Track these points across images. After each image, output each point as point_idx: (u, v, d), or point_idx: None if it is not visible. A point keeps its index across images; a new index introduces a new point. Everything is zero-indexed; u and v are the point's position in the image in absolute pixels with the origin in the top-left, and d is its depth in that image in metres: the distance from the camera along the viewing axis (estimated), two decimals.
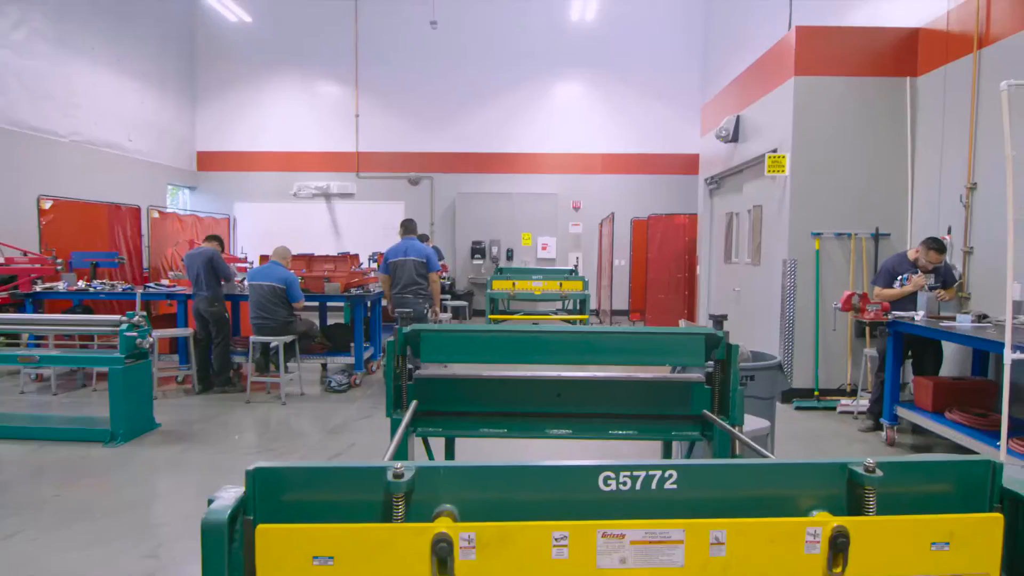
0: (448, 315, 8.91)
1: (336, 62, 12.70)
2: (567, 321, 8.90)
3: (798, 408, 5.53)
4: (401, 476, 1.08)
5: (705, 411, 2.32)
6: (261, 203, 12.84)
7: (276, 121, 12.83)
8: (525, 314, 9.38)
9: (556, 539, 1.07)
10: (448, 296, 10.38)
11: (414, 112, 12.86)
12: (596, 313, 11.71)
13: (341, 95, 12.88)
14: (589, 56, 12.56)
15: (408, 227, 6.26)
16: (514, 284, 8.40)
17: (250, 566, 1.05)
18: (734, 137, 7.11)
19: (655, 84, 12.49)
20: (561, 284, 8.46)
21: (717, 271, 8.35)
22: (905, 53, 5.56)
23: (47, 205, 7.50)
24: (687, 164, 11.33)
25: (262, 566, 1.04)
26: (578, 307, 8.71)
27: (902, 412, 4.55)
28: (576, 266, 11.37)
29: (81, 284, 6.46)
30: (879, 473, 1.11)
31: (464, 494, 1.12)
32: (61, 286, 6.35)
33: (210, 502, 1.05)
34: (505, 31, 12.57)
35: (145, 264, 8.75)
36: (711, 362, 2.38)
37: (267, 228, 12.13)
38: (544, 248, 12.28)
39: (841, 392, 5.64)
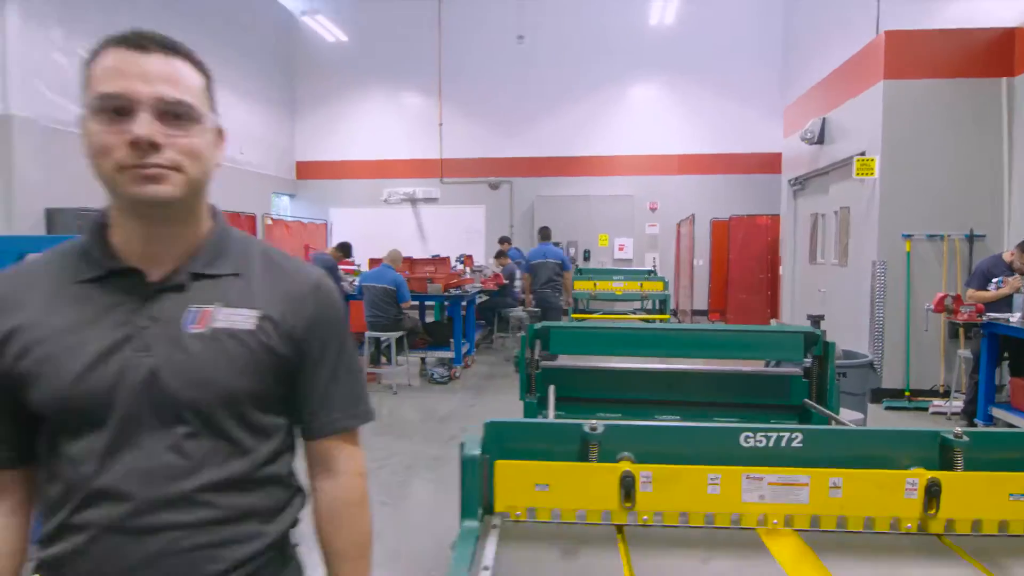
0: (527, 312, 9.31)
1: (421, 74, 13.43)
2: (646, 321, 9.14)
3: (888, 408, 5.61)
4: (595, 430, 1.50)
5: (806, 400, 2.62)
6: (354, 208, 13.76)
7: (366, 131, 13.71)
8: (604, 314, 9.70)
9: (711, 479, 1.46)
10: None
11: (494, 119, 13.42)
12: (675, 313, 11.87)
13: (425, 105, 13.61)
14: (666, 58, 12.71)
15: (544, 234, 7.81)
16: (595, 284, 8.73)
17: (488, 488, 1.50)
18: (819, 139, 7.18)
19: (733, 85, 12.48)
20: (642, 284, 8.72)
21: (801, 271, 8.39)
22: (1000, 53, 5.52)
23: None
24: (766, 163, 11.30)
25: (500, 488, 1.49)
26: (658, 307, 8.95)
27: (998, 413, 4.61)
28: (654, 267, 11.57)
29: None
30: (966, 439, 1.44)
31: (639, 446, 1.53)
32: None
33: (462, 446, 1.50)
34: (584, 38, 12.91)
35: None
36: (808, 358, 2.68)
37: (360, 232, 12.99)
38: (621, 249, 12.54)
39: (933, 393, 5.67)
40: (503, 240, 9.59)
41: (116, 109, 0.80)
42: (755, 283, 10.18)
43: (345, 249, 7.01)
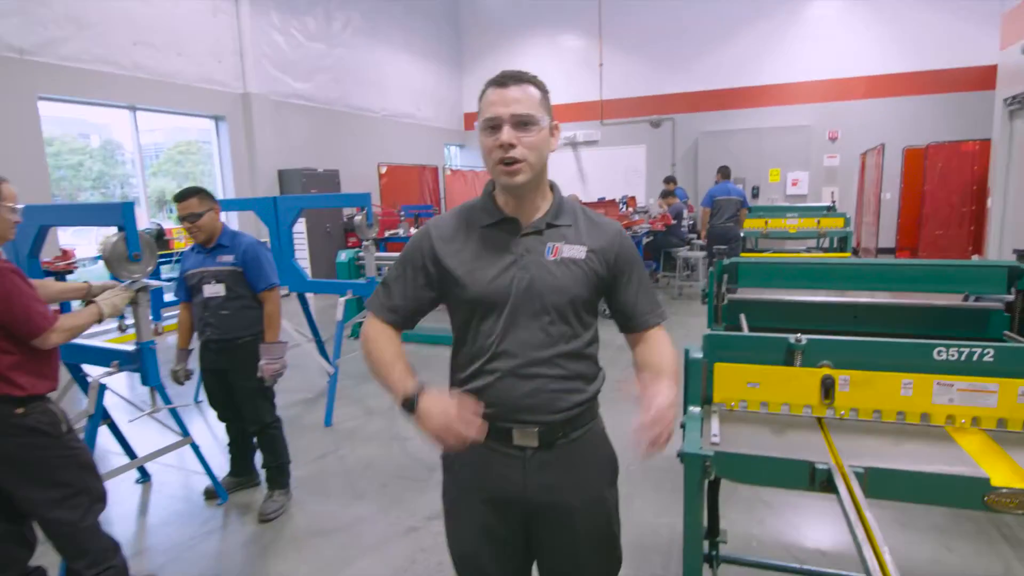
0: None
1: (580, 16, 13.43)
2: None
3: None
4: (799, 341, 1.85)
5: (1006, 332, 2.68)
6: None
7: None
8: (775, 253, 9.40)
9: (904, 384, 1.75)
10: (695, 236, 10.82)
11: (656, 55, 13.10)
12: (856, 252, 11.10)
13: (585, 47, 13.64)
14: None
15: (724, 172, 8.41)
16: (766, 223, 8.50)
17: (708, 385, 1.93)
18: None
19: None
20: (819, 221, 8.31)
21: (1014, 204, 7.48)
22: None
23: (383, 170, 9.70)
24: (976, 79, 9.91)
25: (718, 385, 1.91)
26: (836, 245, 8.50)
27: None
28: (833, 202, 10.85)
29: (413, 231, 8.42)
30: None
31: (837, 357, 1.85)
32: (400, 232, 8.37)
33: (686, 352, 1.94)
34: None
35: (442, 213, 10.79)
36: (1012, 293, 2.70)
37: None
38: (795, 184, 11.86)
39: None
40: (669, 180, 9.63)
41: (492, 126, 1.31)
42: (955, 217, 9.19)
43: None
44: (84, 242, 7.02)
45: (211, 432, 4.21)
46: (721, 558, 2.29)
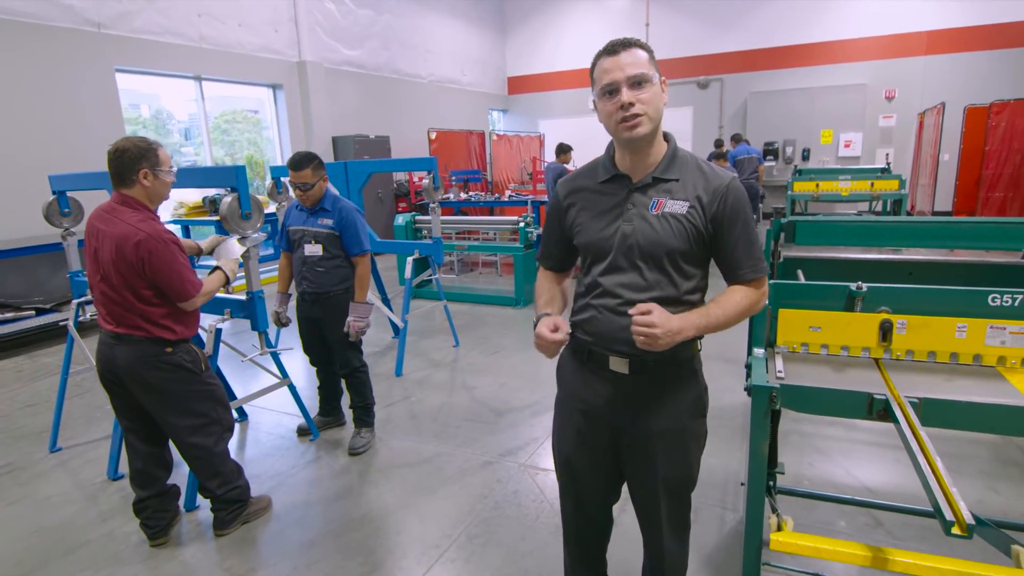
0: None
1: None
2: None
3: None
4: (860, 288, 2.02)
5: None
6: (561, 119, 14.40)
7: (571, 41, 13.99)
8: (827, 216, 9.29)
9: (959, 328, 1.91)
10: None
11: (703, 13, 12.79)
12: (911, 215, 10.86)
13: (632, 6, 13.40)
14: None
15: (737, 138, 9.94)
16: (817, 185, 8.38)
17: (771, 328, 2.12)
18: None
19: None
20: (872, 184, 8.17)
21: None
22: None
23: (433, 135, 9.90)
24: None
25: (782, 328, 2.10)
26: (890, 208, 8.34)
27: None
28: (888, 163, 10.58)
29: (463, 196, 8.65)
30: None
31: (895, 303, 2.01)
32: (451, 196, 8.61)
33: None
34: None
35: (490, 178, 10.96)
36: None
37: (568, 141, 13.69)
38: (847, 146, 11.58)
39: None
40: (720, 143, 9.68)
41: (610, 91, 1.49)
42: (1017, 179, 8.90)
43: (565, 149, 7.73)
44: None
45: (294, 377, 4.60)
46: (779, 489, 2.51)
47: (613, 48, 1.50)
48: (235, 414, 3.87)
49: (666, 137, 1.60)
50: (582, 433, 1.70)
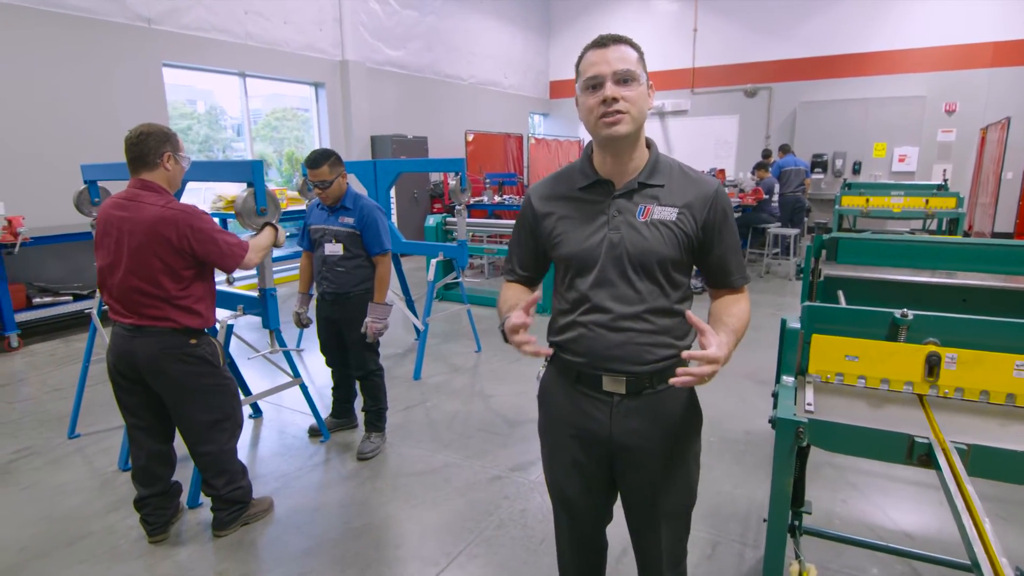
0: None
1: None
2: None
3: None
4: (905, 316, 1.82)
5: None
6: None
7: None
8: (875, 234, 8.85)
9: (1017, 365, 1.70)
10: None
11: (754, 20, 12.42)
12: (968, 236, 10.29)
13: (680, 11, 13.12)
14: None
15: (785, 148, 9.48)
16: (867, 200, 8.00)
17: (804, 355, 1.94)
18: None
19: None
20: (927, 201, 7.74)
21: None
22: None
23: (470, 137, 9.86)
24: None
25: (815, 355, 1.92)
26: (945, 227, 7.89)
27: None
28: (945, 180, 10.04)
29: (497, 199, 8.56)
30: None
31: (946, 333, 1.81)
32: (485, 199, 8.53)
33: (784, 321, 1.95)
34: None
35: (526, 182, 10.85)
36: None
37: None
38: (902, 160, 11.04)
39: None
40: (768, 153, 9.37)
41: (594, 85, 1.36)
42: None
43: None
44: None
45: (310, 377, 4.57)
46: (804, 529, 2.31)
47: (602, 41, 1.38)
48: (249, 409, 3.86)
49: (648, 143, 1.49)
50: (577, 461, 1.57)
